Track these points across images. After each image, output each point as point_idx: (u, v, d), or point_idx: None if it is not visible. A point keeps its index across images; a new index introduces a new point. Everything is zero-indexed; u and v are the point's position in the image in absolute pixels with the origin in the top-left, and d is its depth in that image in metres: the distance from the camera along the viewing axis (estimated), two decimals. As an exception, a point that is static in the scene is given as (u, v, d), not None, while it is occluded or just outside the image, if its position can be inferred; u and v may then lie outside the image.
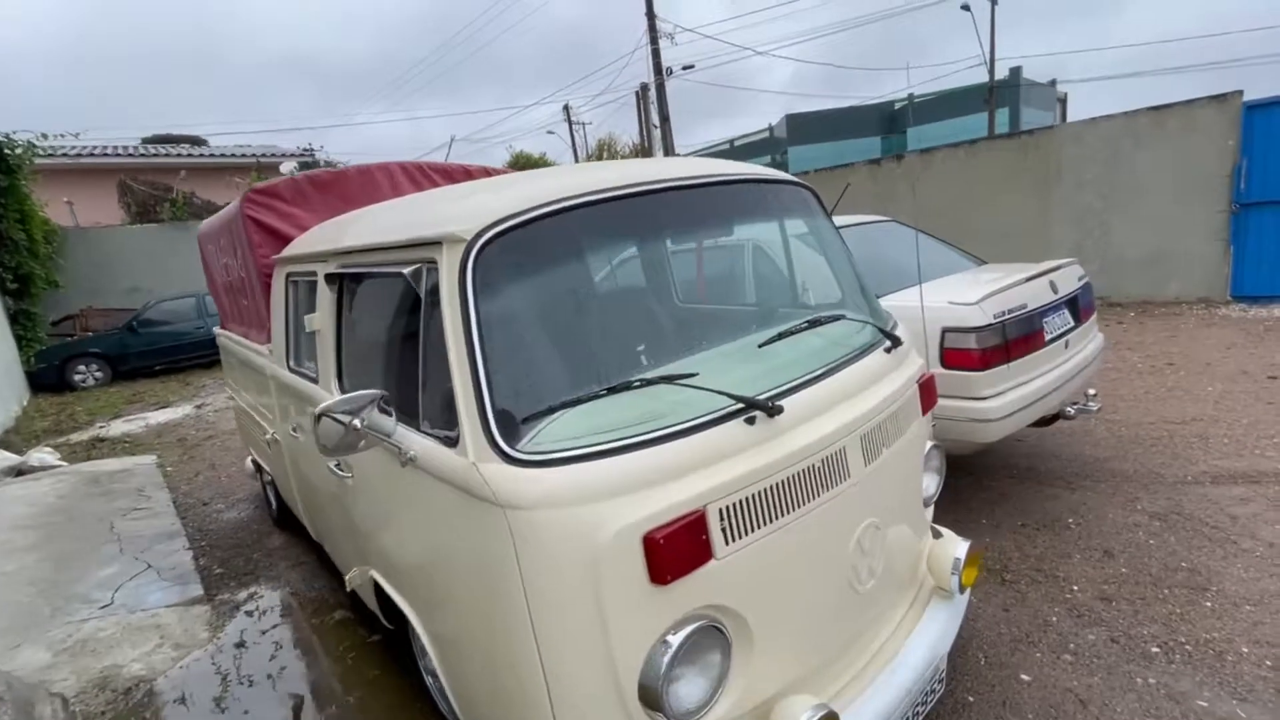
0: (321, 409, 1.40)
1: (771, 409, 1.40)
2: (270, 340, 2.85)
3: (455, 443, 1.35)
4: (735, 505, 1.32)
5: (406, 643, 2.01)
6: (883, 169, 10.12)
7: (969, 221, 9.00)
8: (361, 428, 1.41)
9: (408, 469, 1.52)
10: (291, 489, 3.06)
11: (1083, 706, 1.93)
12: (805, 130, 30.24)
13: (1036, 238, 8.44)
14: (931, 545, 1.96)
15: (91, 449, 6.48)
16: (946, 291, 2.93)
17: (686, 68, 20.33)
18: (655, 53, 18.01)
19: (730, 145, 35.64)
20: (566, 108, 26.56)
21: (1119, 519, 2.94)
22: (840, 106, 30.93)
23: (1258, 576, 2.42)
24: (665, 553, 1.21)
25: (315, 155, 20.02)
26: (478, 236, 1.36)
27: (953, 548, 1.90)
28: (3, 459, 5.58)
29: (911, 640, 1.77)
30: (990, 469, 3.60)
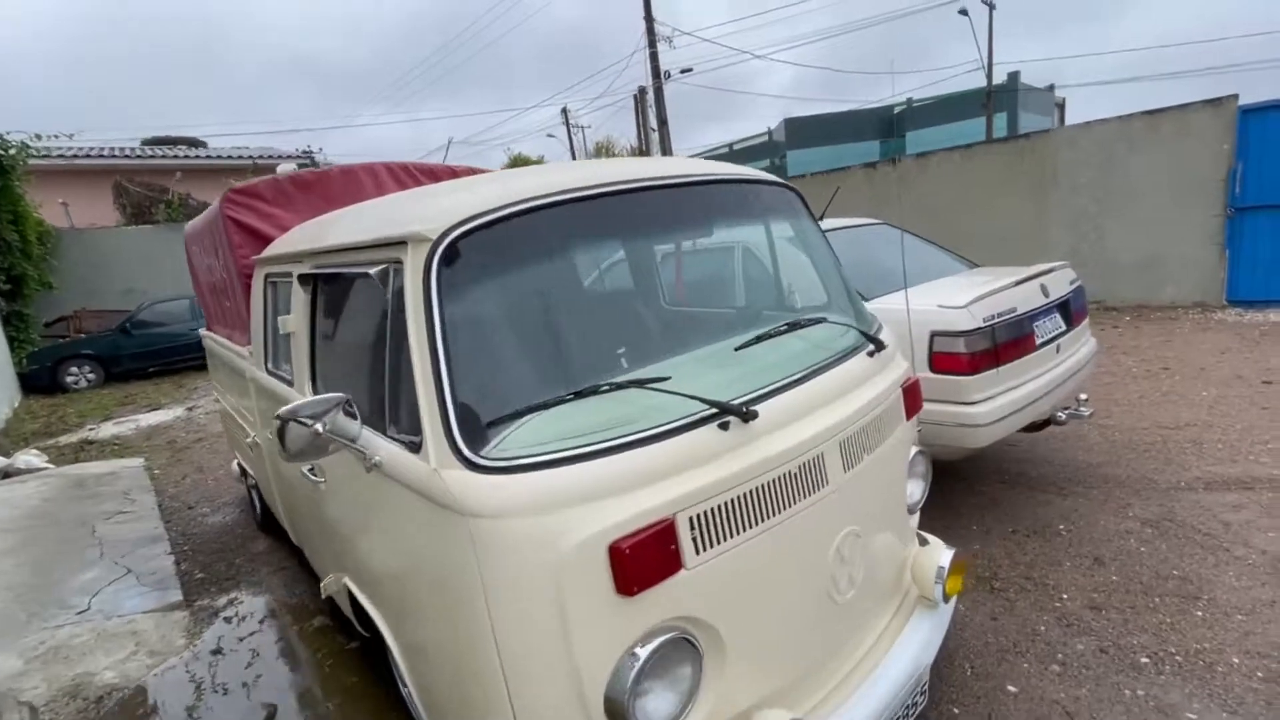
0: (282, 413, 1.36)
1: (746, 414, 1.36)
2: (251, 342, 2.81)
3: (419, 448, 1.31)
4: (707, 513, 1.28)
5: (384, 650, 1.96)
6: (878, 173, 10.10)
7: (965, 225, 8.98)
8: (324, 432, 1.38)
9: (373, 475, 1.48)
10: (273, 493, 3.01)
11: (1069, 719, 1.89)
12: (804, 134, 30.31)
13: (1032, 241, 8.42)
14: (916, 553, 1.92)
15: (80, 451, 6.43)
16: (936, 295, 2.90)
17: (685, 71, 20.37)
18: (653, 56, 18.04)
19: (729, 149, 35.70)
20: (565, 111, 26.58)
21: (1111, 525, 2.90)
22: (839, 111, 31.01)
23: (1249, 585, 2.38)
24: (631, 563, 1.17)
25: (314, 157, 20.00)
26: (443, 236, 1.33)
27: (937, 556, 1.87)
28: (-12, 461, 5.53)
29: (894, 651, 1.73)
30: (981, 474, 3.56)
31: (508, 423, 1.28)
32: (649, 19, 17.75)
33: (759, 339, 1.62)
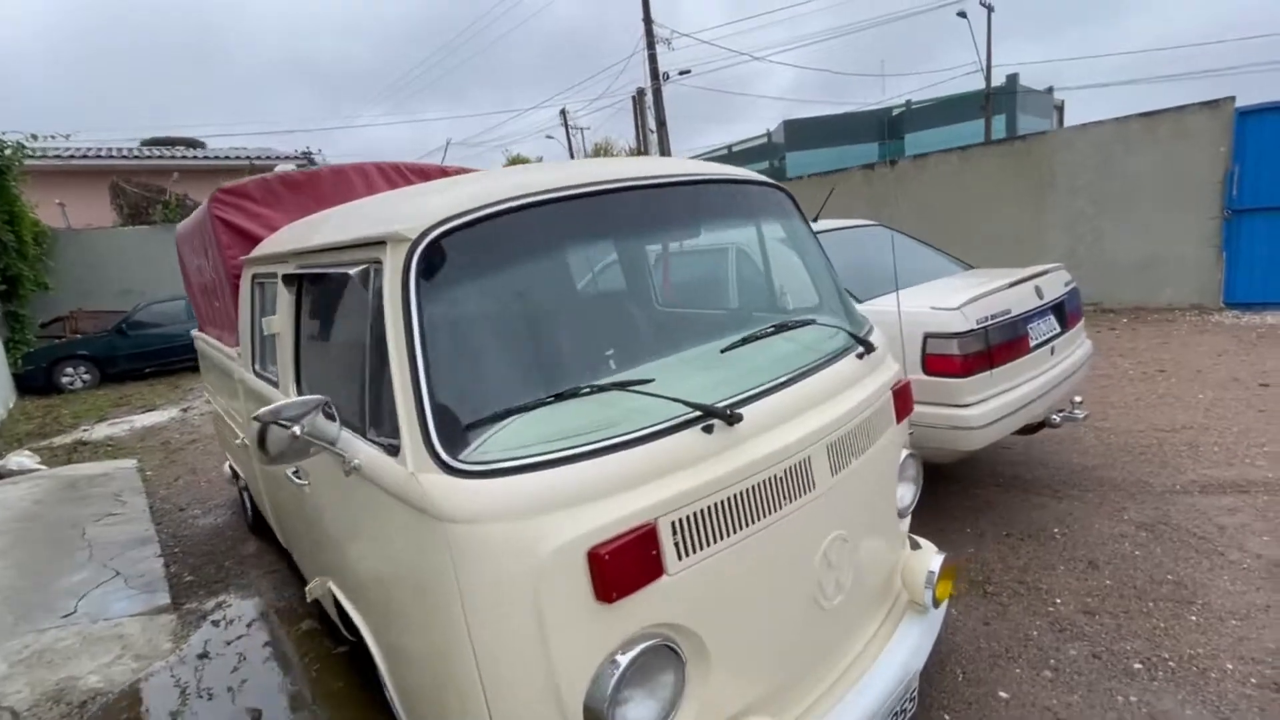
0: (260, 415, 1.34)
1: (730, 417, 1.34)
2: (239, 343, 2.79)
3: (397, 451, 1.29)
4: (690, 518, 1.26)
5: (370, 655, 1.94)
6: (876, 174, 10.10)
7: (963, 227, 8.97)
8: (301, 435, 1.35)
9: (353, 478, 1.46)
10: (262, 495, 2.99)
11: (1061, 725, 1.87)
12: (803, 136, 30.31)
13: (1030, 243, 8.41)
14: (907, 558, 1.90)
15: (73, 453, 6.40)
16: (929, 296, 2.88)
17: (683, 73, 20.40)
18: (652, 58, 18.06)
19: (728, 150, 35.71)
20: (563, 112, 26.59)
21: (1105, 529, 2.88)
22: (838, 113, 31.03)
23: (1244, 589, 2.36)
24: (611, 569, 1.15)
25: (313, 159, 19.96)
26: (422, 236, 1.31)
27: (927, 560, 1.85)
28: (-20, 463, 5.50)
29: (883, 657, 1.71)
30: (976, 477, 3.54)
31: (488, 426, 1.26)
32: (648, 21, 17.77)
33: (745, 341, 1.60)
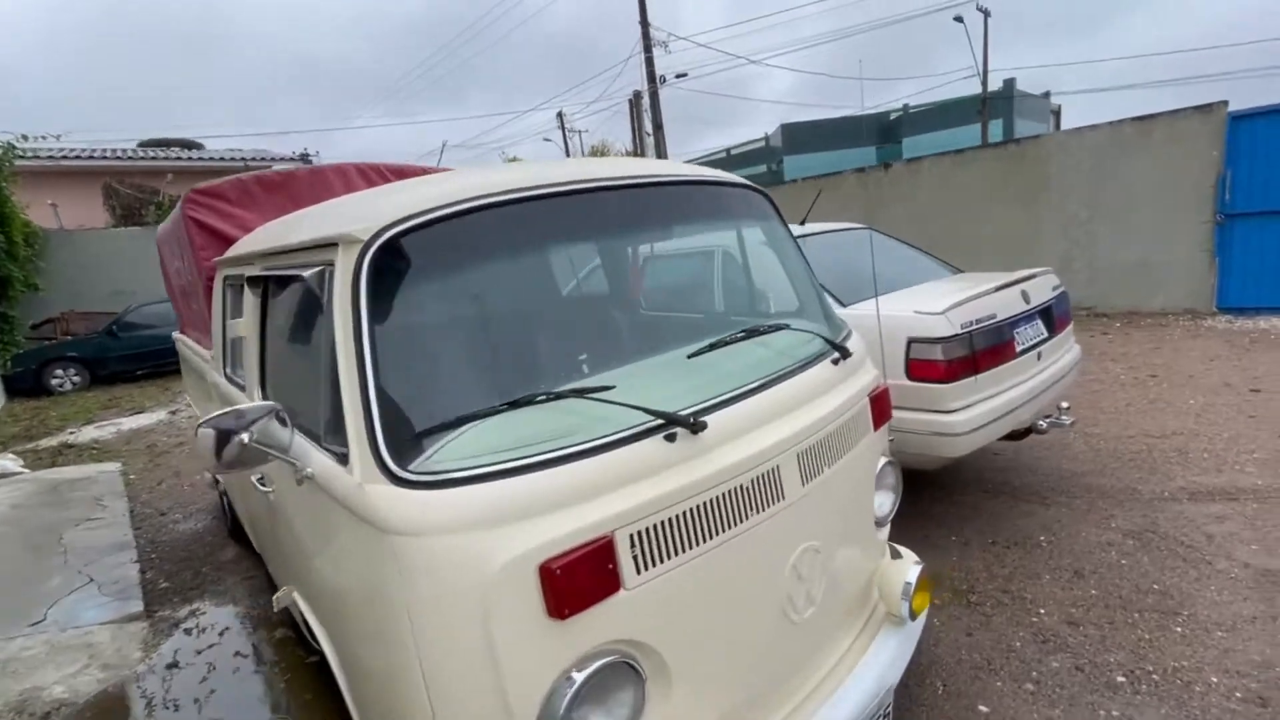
0: (205, 421, 1.29)
1: (694, 425, 1.30)
2: (213, 346, 2.75)
3: (347, 460, 1.25)
4: (649, 530, 1.22)
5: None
6: (870, 178, 10.08)
7: (957, 230, 8.96)
8: (249, 443, 1.31)
9: (307, 487, 1.42)
10: (238, 500, 2.94)
11: (1042, 740, 1.83)
12: (801, 140, 30.33)
13: (1024, 247, 8.39)
14: (884, 568, 1.86)
15: (57, 455, 6.33)
16: (914, 301, 2.84)
17: (679, 76, 20.41)
18: (649, 61, 18.06)
19: (727, 154, 35.74)
20: (560, 115, 26.59)
21: (1092, 537, 2.84)
22: (836, 116, 31.06)
23: (1230, 600, 2.32)
24: (563, 584, 1.11)
25: (311, 161, 19.92)
26: (375, 237, 1.26)
27: (904, 571, 1.80)
28: (-39, 466, 5.44)
29: (858, 670, 1.67)
30: (963, 483, 3.50)
31: (441, 435, 1.21)
32: (644, 24, 17.78)
33: (712, 346, 1.55)
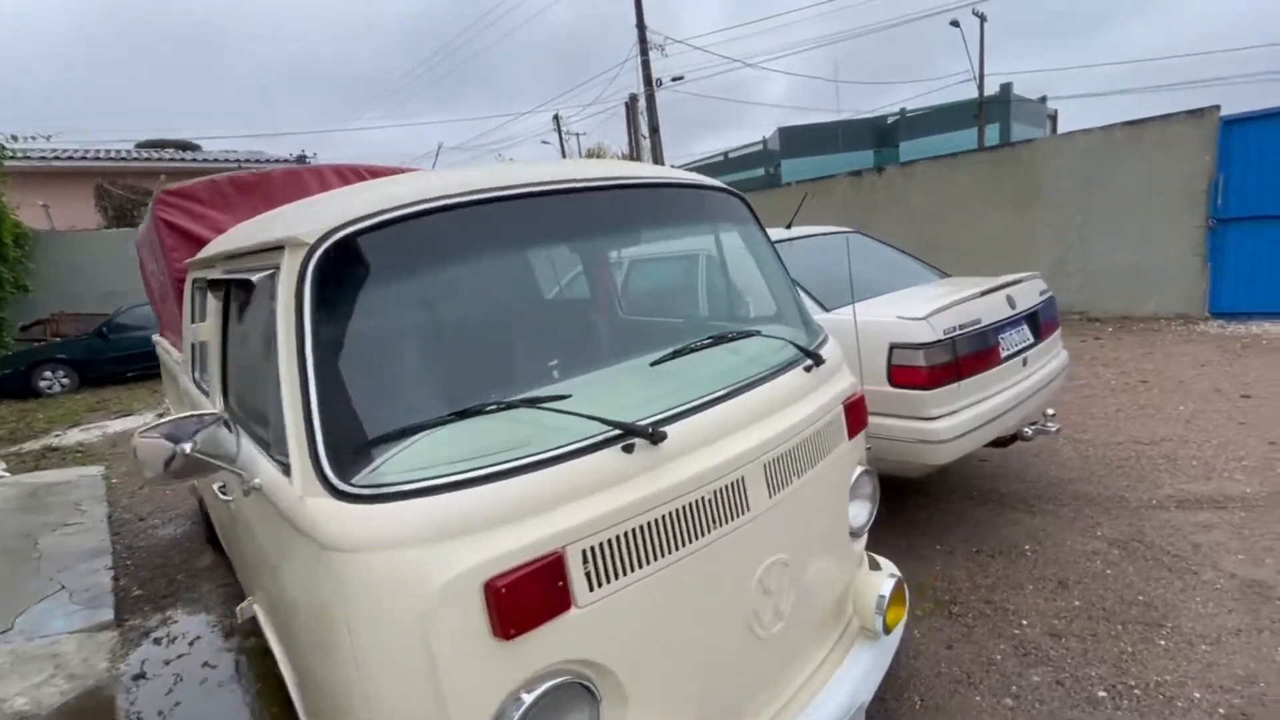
0: (143, 430, 1.25)
1: (653, 435, 1.26)
2: (183, 349, 2.70)
3: (290, 471, 1.20)
4: (604, 545, 1.17)
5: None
6: (864, 181, 10.06)
7: (950, 234, 8.94)
8: (190, 453, 1.26)
9: (254, 498, 1.37)
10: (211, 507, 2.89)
11: (1020, 758, 1.78)
12: (798, 143, 30.40)
13: (1018, 251, 8.37)
14: (859, 581, 1.82)
15: (40, 459, 6.26)
16: (898, 306, 2.80)
17: (676, 79, 20.39)
18: (645, 64, 18.05)
19: (725, 157, 35.81)
20: (557, 117, 26.59)
21: (1078, 546, 2.80)
22: (834, 120, 31.12)
23: (1215, 612, 2.28)
24: (509, 603, 1.06)
25: (308, 162, 19.87)
26: (321, 241, 1.22)
27: (878, 584, 1.76)
28: (-59, 469, 5.37)
29: (829, 686, 1.62)
30: (950, 489, 3.46)
31: (387, 446, 1.16)
32: (640, 27, 17.77)
33: (677, 353, 1.51)
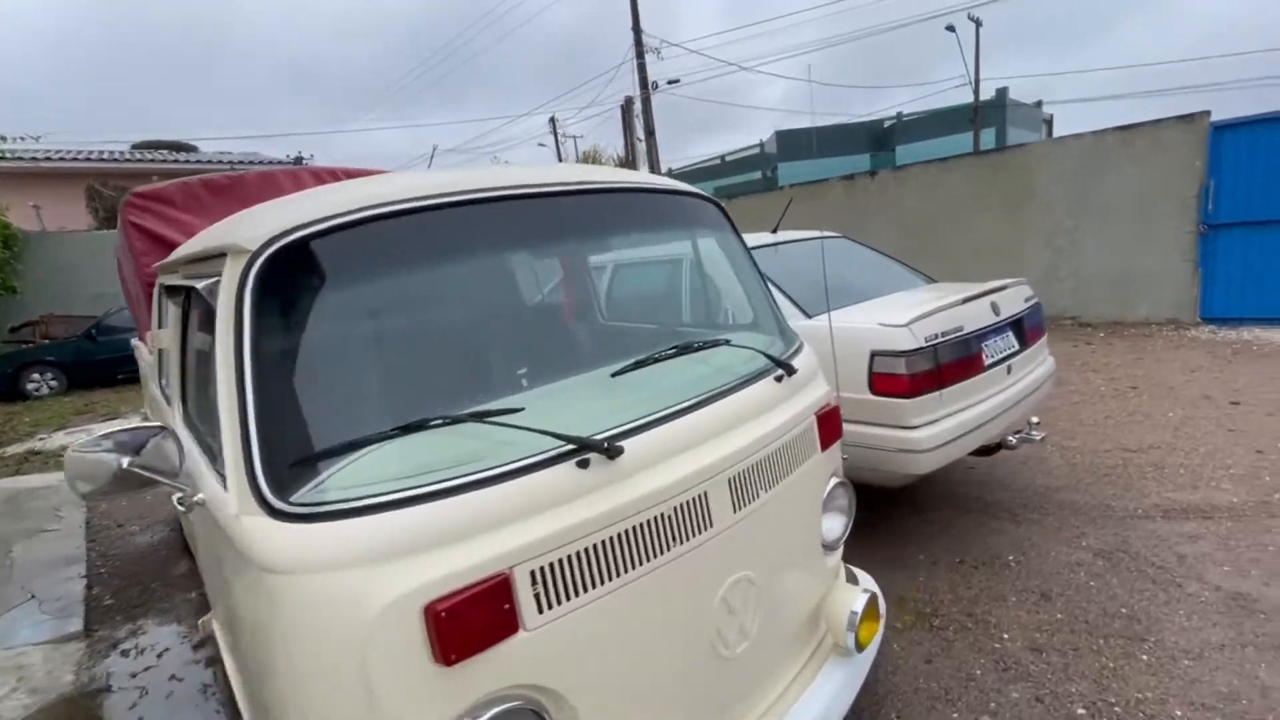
0: (80, 445, 1.20)
1: (609, 450, 1.21)
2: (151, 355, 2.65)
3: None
4: (554, 565, 1.13)
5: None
6: (857, 185, 10.04)
7: (942, 239, 8.92)
8: (126, 468, 1.22)
9: (197, 513, 1.32)
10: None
11: (996, 778, 1.74)
12: (795, 147, 30.44)
13: (1009, 255, 8.36)
14: (832, 596, 1.77)
15: (23, 463, 6.18)
16: (880, 312, 2.76)
17: (671, 82, 20.36)
18: (641, 67, 18.04)
19: (721, 160, 35.84)
20: (553, 120, 26.59)
21: (1062, 557, 2.76)
22: (831, 124, 31.19)
23: (1199, 625, 2.24)
24: (450, 628, 1.02)
25: (305, 164, 19.81)
26: (263, 248, 1.17)
27: (851, 600, 1.71)
28: (-81, 474, 5.30)
29: (799, 706, 1.58)
30: (935, 498, 3.42)
31: (329, 462, 1.12)
32: (636, 30, 17.77)
33: (639, 364, 1.47)
